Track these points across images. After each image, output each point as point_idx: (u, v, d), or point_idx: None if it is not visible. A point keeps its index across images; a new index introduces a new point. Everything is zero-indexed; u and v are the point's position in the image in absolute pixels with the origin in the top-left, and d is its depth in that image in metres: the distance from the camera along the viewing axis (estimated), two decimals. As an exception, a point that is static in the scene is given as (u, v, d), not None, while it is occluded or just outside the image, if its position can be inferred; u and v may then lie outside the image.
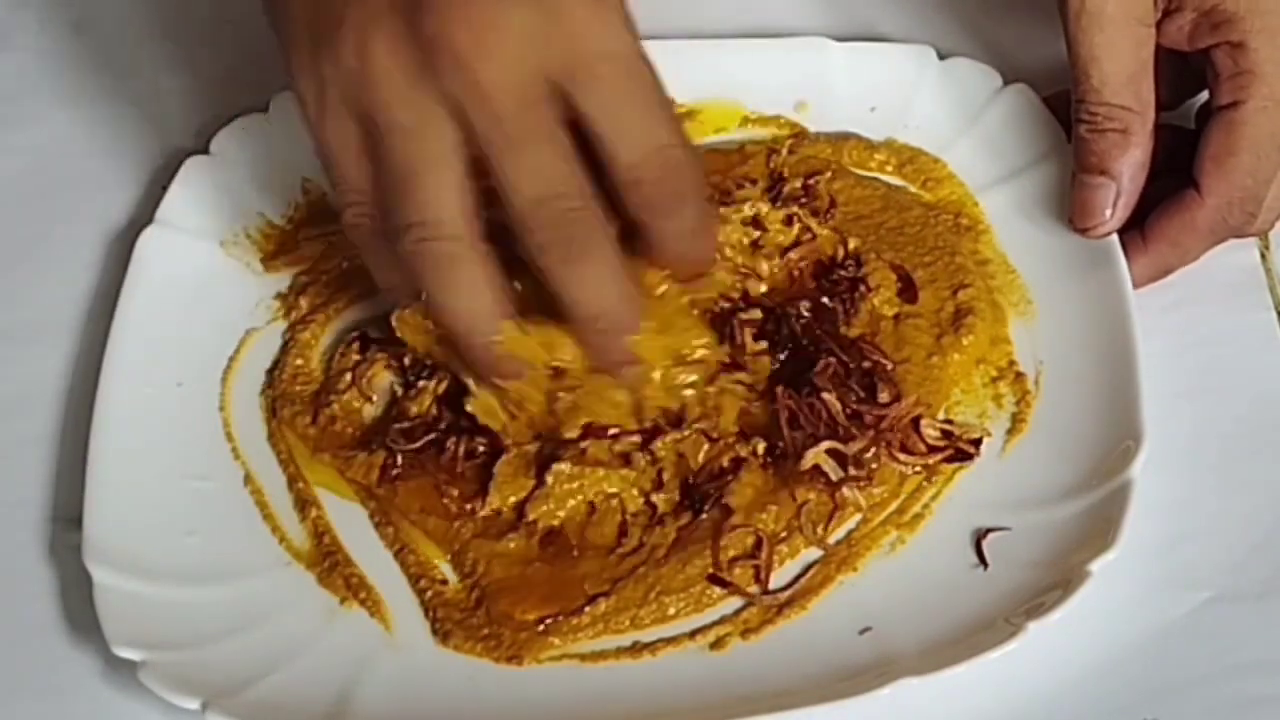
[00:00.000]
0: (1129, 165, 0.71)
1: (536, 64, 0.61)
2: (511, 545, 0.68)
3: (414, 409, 0.71)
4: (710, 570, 0.67)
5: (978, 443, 0.69)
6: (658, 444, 0.68)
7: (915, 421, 0.69)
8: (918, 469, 0.69)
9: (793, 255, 0.74)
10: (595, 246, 0.63)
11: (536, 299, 0.65)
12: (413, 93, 0.62)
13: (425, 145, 0.62)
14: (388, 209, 0.64)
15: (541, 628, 0.66)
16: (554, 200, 0.63)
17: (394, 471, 0.70)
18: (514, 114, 0.61)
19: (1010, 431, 0.70)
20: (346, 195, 0.65)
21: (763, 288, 0.73)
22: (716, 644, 0.65)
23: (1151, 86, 0.71)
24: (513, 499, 0.68)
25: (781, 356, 0.71)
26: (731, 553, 0.67)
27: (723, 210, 0.73)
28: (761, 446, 0.68)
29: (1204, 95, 0.74)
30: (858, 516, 0.68)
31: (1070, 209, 0.73)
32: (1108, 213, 0.72)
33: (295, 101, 0.65)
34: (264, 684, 0.64)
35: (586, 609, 0.66)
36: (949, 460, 0.69)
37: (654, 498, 0.68)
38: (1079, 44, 0.71)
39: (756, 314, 0.71)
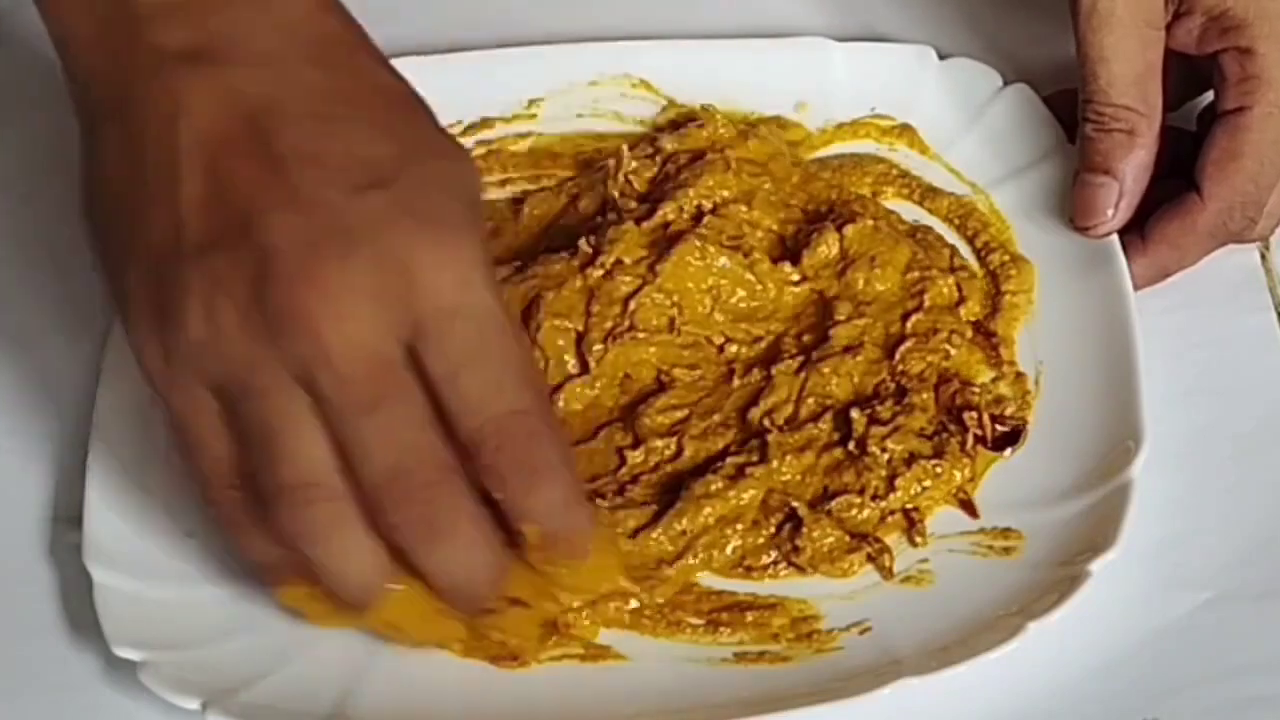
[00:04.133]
0: (1133, 166, 0.71)
1: (386, 324, 0.57)
2: None
3: None
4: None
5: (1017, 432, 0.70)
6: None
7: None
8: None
9: None
10: (453, 524, 0.59)
11: None
12: (264, 358, 0.57)
13: (284, 405, 0.58)
14: (256, 476, 0.59)
15: None
16: (408, 474, 0.58)
17: None
18: (363, 379, 0.57)
19: (1010, 431, 0.70)
20: (206, 468, 0.60)
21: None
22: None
23: (1159, 89, 0.71)
24: None
25: None
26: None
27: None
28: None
29: (1206, 97, 0.74)
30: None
31: (1072, 207, 0.73)
32: (1110, 212, 0.72)
33: (143, 375, 0.60)
34: (264, 684, 0.64)
35: None
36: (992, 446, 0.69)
37: None
38: (1088, 44, 0.71)
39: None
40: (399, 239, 0.58)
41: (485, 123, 0.80)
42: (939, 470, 0.68)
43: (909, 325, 0.72)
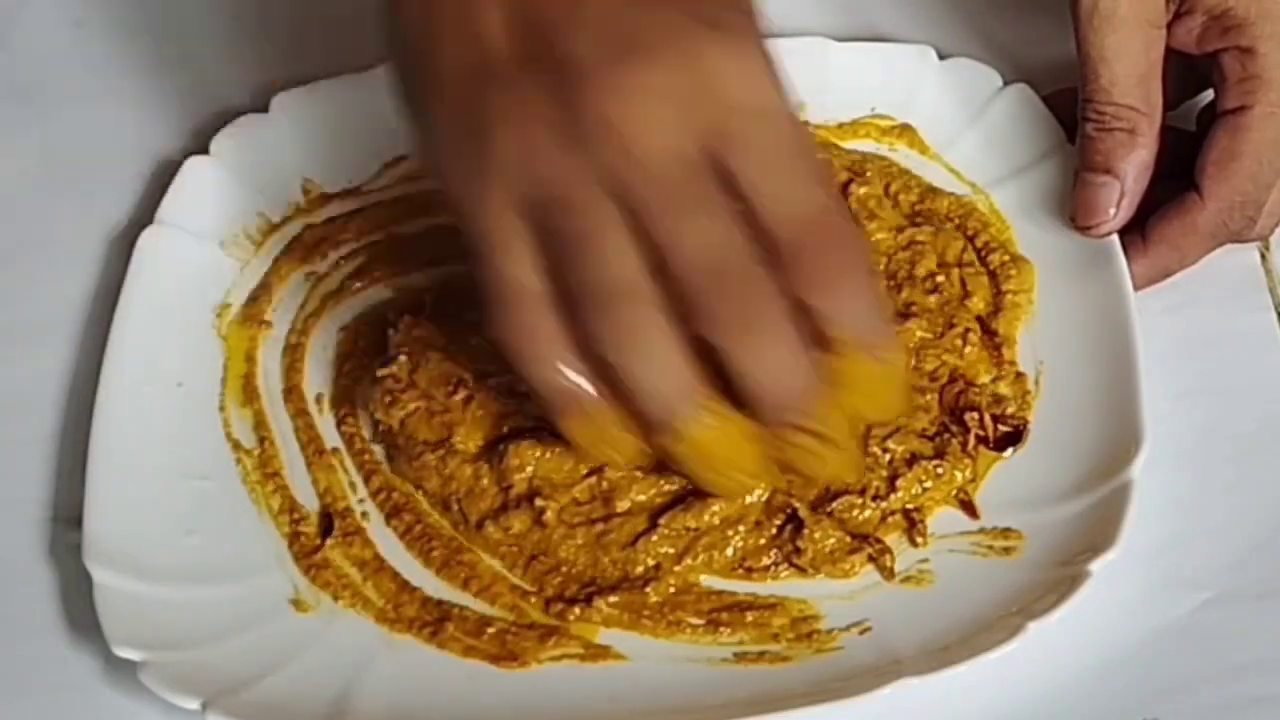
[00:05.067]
0: (1134, 165, 0.71)
1: (688, 126, 0.58)
2: None
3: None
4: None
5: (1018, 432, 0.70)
6: None
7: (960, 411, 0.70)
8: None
9: None
10: (771, 320, 0.59)
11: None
12: (576, 171, 0.58)
13: (598, 215, 0.59)
14: (567, 286, 0.60)
15: None
16: (726, 269, 0.59)
17: None
18: (675, 179, 0.58)
19: (1010, 431, 0.70)
20: (508, 290, 0.60)
21: None
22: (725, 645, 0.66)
23: (1160, 88, 0.71)
24: None
25: None
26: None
27: None
28: None
29: (1205, 97, 0.74)
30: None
31: (1073, 207, 0.73)
32: (1111, 211, 0.72)
33: (450, 201, 0.61)
34: (264, 684, 0.64)
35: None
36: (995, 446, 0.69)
37: None
38: (1090, 44, 0.71)
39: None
40: (694, 45, 0.59)
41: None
42: (940, 471, 0.68)
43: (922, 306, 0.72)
